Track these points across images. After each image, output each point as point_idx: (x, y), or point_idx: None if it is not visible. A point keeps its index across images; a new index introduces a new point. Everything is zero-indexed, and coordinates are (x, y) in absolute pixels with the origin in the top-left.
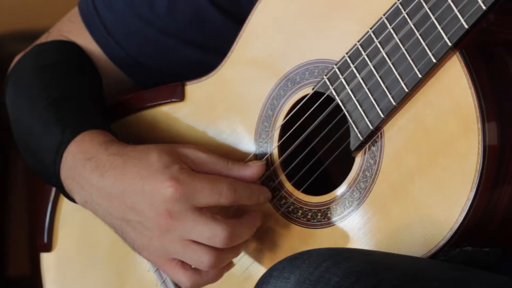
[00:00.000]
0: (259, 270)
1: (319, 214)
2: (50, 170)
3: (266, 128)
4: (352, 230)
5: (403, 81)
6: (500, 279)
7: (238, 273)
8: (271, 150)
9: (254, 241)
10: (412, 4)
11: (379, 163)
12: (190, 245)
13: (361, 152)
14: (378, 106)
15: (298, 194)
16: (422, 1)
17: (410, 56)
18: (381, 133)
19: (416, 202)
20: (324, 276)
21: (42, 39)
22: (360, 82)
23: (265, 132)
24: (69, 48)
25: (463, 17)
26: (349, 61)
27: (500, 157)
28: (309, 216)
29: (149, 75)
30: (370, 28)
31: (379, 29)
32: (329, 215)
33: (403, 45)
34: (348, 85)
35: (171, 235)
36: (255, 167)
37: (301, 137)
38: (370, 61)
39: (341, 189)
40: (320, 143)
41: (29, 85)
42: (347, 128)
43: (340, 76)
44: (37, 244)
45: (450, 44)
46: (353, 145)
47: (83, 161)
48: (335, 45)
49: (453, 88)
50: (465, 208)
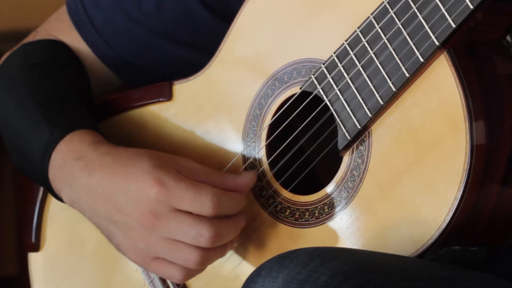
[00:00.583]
0: (247, 270)
1: (307, 214)
2: (38, 170)
3: (254, 128)
4: (340, 230)
5: (391, 81)
6: (488, 278)
7: (226, 273)
8: (259, 150)
9: (242, 241)
10: (400, 4)
11: (367, 163)
12: (176, 244)
13: (349, 152)
14: (366, 106)
15: (286, 194)
16: (410, 1)
17: (398, 56)
18: (369, 133)
19: (404, 201)
20: (312, 276)
21: (29, 38)
22: (348, 82)
23: (253, 132)
24: (57, 48)
25: (451, 17)
26: (337, 61)
27: (488, 156)
28: (297, 216)
29: (138, 74)
30: (358, 28)
31: (367, 29)
32: (317, 215)
33: (391, 45)
34: (336, 85)
35: (156, 235)
36: (248, 177)
37: (290, 138)
38: (358, 61)
39: (329, 189)
40: (308, 143)
41: (17, 84)
42: (335, 127)
43: (328, 76)
44: (25, 244)
45: (438, 44)
46: (341, 145)
47: (73, 161)
48: (323, 45)
49: (441, 88)
50: (453, 208)
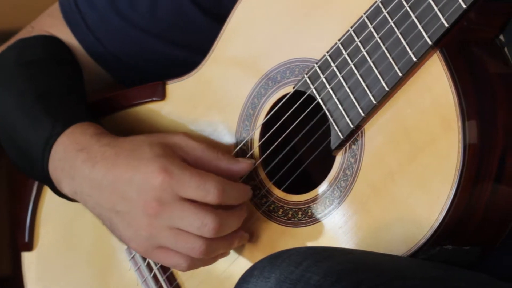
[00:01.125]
0: (240, 269)
1: (300, 213)
2: (38, 164)
3: (247, 127)
4: (333, 229)
5: (384, 80)
6: (481, 278)
7: (219, 272)
8: (252, 149)
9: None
10: (393, 3)
11: (360, 162)
12: (181, 233)
13: (342, 151)
14: (359, 105)
15: (279, 193)
16: (403, 0)
17: (391, 55)
18: (362, 132)
19: (397, 201)
20: (305, 275)
21: (25, 33)
22: (341, 81)
23: (246, 131)
24: (54, 44)
25: (444, 16)
26: (330, 60)
27: (481, 156)
28: (290, 215)
29: (130, 73)
30: (351, 27)
31: (360, 28)
32: (310, 214)
33: (384, 44)
34: (329, 84)
35: (160, 223)
36: (245, 164)
37: (282, 136)
38: (351, 60)
39: (322, 188)
40: (301, 142)
41: (14, 80)
42: (328, 127)
43: (321, 75)
44: (18, 244)
45: (431, 43)
46: (334, 144)
47: (75, 152)
48: (316, 44)
49: (434, 87)
50: (446, 207)
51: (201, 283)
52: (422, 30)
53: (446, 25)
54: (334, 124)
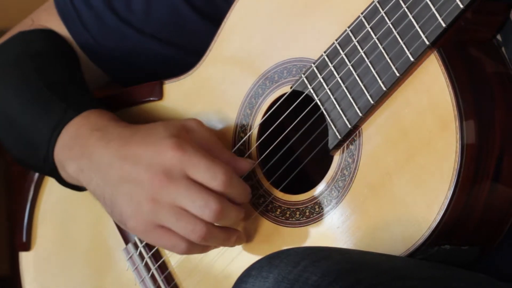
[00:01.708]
0: (238, 269)
1: (298, 213)
2: (42, 148)
3: (245, 127)
4: (331, 229)
5: (381, 80)
6: (479, 278)
7: (217, 272)
8: (250, 149)
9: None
10: (390, 3)
11: (357, 162)
12: (183, 213)
13: (340, 151)
14: (356, 105)
15: (277, 193)
16: (400, 0)
17: (388, 55)
18: (360, 132)
19: (395, 201)
20: (302, 275)
21: (25, 26)
22: (338, 81)
23: (244, 131)
24: (55, 38)
25: (441, 16)
26: (327, 60)
27: (478, 156)
28: (288, 215)
29: (124, 71)
30: (348, 27)
31: (357, 28)
32: (308, 214)
33: (381, 44)
34: (326, 84)
35: (164, 198)
36: (248, 162)
37: (280, 137)
38: (348, 60)
39: (320, 188)
40: (299, 142)
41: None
42: (326, 127)
43: (318, 75)
44: (16, 243)
45: (428, 43)
46: (331, 144)
47: (90, 131)
48: (313, 44)
49: (431, 87)
50: (444, 207)
51: (199, 283)
52: (420, 30)
53: (444, 25)
54: (332, 124)
